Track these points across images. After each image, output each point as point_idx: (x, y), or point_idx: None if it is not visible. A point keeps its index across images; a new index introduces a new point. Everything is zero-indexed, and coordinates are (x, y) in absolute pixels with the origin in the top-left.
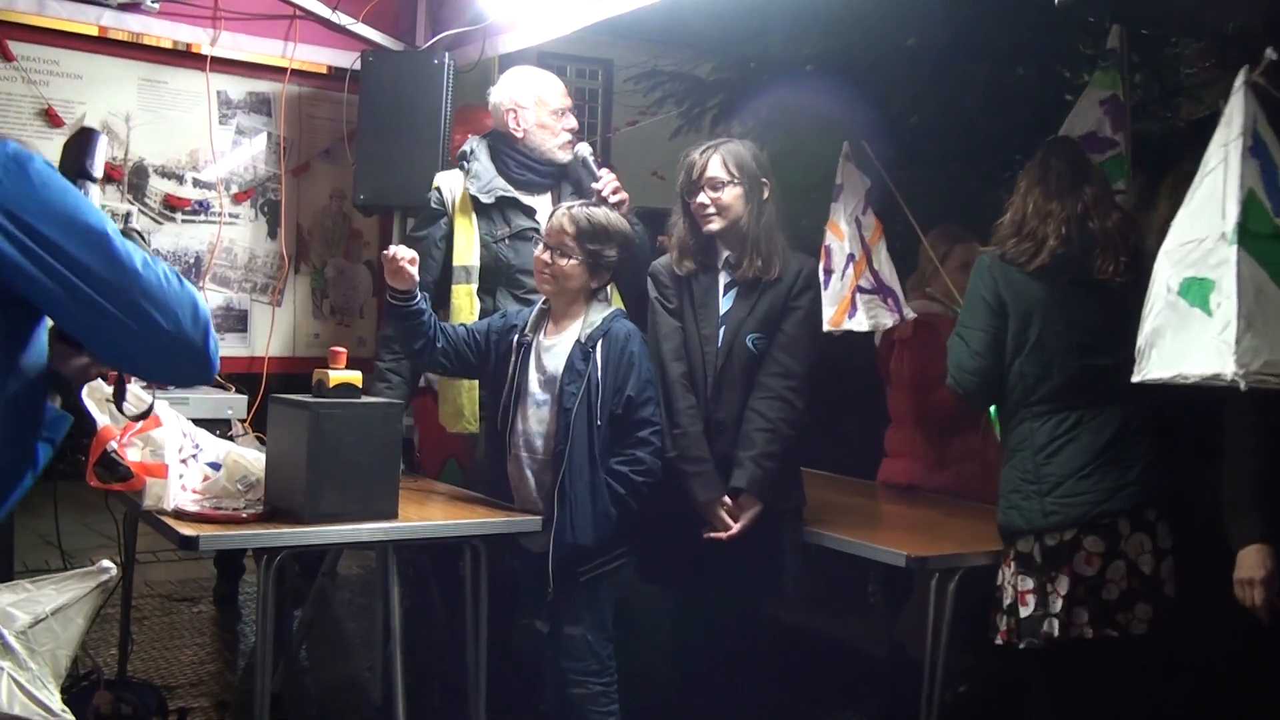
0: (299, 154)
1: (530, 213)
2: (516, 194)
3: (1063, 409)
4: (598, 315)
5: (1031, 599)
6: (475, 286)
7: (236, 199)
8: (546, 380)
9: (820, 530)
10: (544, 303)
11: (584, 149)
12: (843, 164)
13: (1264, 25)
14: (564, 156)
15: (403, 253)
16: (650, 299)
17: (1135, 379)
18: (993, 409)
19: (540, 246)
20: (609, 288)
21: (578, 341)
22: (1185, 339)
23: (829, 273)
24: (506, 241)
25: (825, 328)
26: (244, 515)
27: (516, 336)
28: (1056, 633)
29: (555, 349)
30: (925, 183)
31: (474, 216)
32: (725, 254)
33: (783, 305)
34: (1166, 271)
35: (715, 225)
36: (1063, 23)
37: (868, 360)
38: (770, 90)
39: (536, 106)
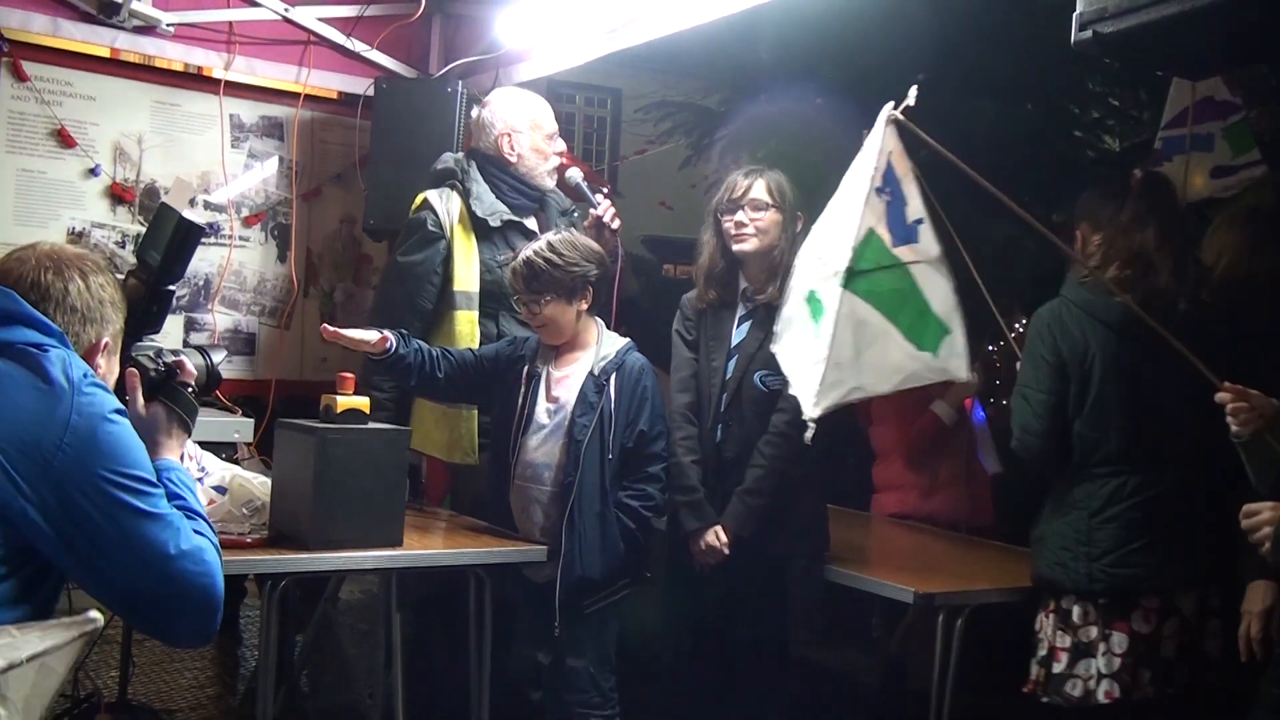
0: (310, 178)
1: (531, 236)
2: (518, 218)
3: (1121, 472)
4: (610, 347)
5: (1065, 656)
6: (477, 314)
7: (247, 222)
8: (556, 411)
9: (826, 565)
10: None
11: (575, 174)
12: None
13: (1270, 67)
14: (550, 182)
15: (347, 334)
16: (673, 330)
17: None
18: None
19: (518, 305)
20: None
21: (590, 374)
22: (797, 346)
23: None
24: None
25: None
26: (248, 540)
27: (526, 368)
28: (1116, 693)
29: (567, 380)
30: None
31: (474, 239)
32: (744, 286)
33: None
34: (803, 269)
35: (750, 245)
36: (1073, 61)
37: None
38: (780, 122)
39: (531, 131)
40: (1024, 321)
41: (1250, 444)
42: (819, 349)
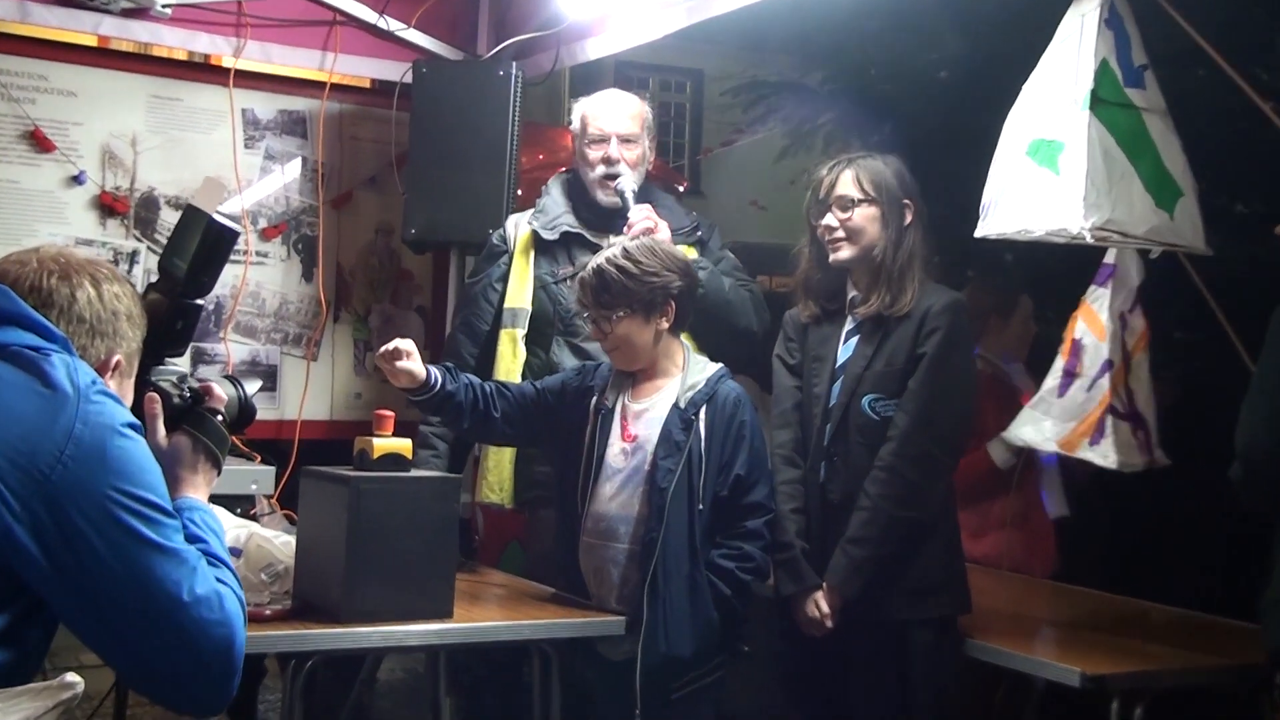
0: (339, 182)
1: (597, 250)
2: (584, 230)
3: None
4: (699, 374)
5: None
6: (521, 332)
7: (265, 235)
8: (634, 452)
9: (970, 638)
10: None
11: (625, 183)
12: (1121, 250)
13: None
14: (600, 196)
15: (401, 346)
16: (774, 355)
17: (978, 234)
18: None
19: (587, 324)
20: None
21: (675, 406)
22: (1031, 197)
23: (1071, 375)
24: (568, 282)
25: (1050, 448)
26: (267, 612)
27: (595, 400)
28: None
29: (647, 415)
30: None
31: (532, 255)
32: (852, 294)
33: (908, 353)
34: (1016, 132)
35: (845, 253)
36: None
37: None
38: (895, 102)
39: (579, 136)
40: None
41: None
42: (1071, 176)
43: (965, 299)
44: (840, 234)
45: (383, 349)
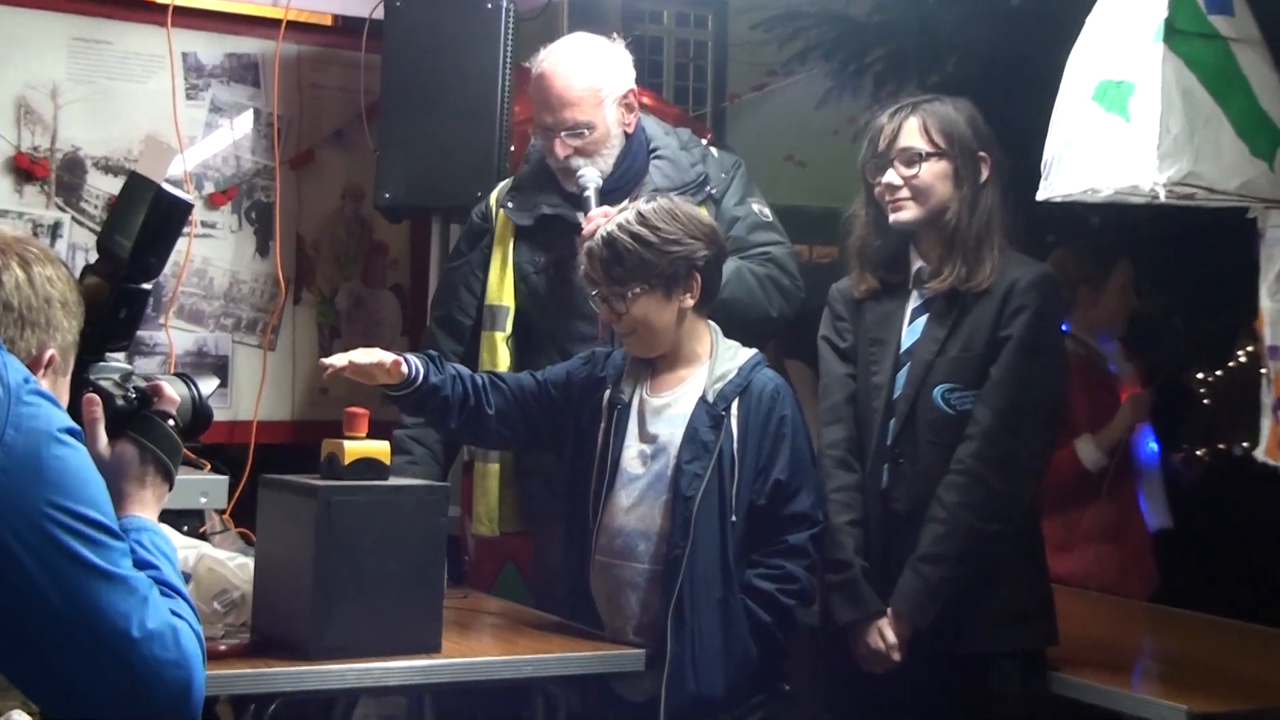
0: (299, 139)
1: (579, 231)
2: (564, 211)
3: None
4: (729, 362)
5: None
6: (503, 335)
7: (212, 202)
8: (655, 455)
9: (1056, 671)
10: None
11: (588, 179)
12: (1264, 209)
13: None
14: (569, 186)
15: (357, 358)
16: (819, 337)
17: (1041, 197)
18: None
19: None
20: None
21: (702, 400)
22: (1099, 148)
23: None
24: (552, 270)
25: (1261, 456)
26: (221, 647)
27: (608, 394)
28: None
29: (669, 411)
30: None
31: (512, 242)
32: (918, 265)
33: (989, 336)
34: (1080, 73)
35: (907, 214)
36: None
37: None
38: (960, 34)
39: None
40: None
41: None
42: (1144, 123)
43: (1054, 272)
44: (904, 193)
45: (337, 362)
